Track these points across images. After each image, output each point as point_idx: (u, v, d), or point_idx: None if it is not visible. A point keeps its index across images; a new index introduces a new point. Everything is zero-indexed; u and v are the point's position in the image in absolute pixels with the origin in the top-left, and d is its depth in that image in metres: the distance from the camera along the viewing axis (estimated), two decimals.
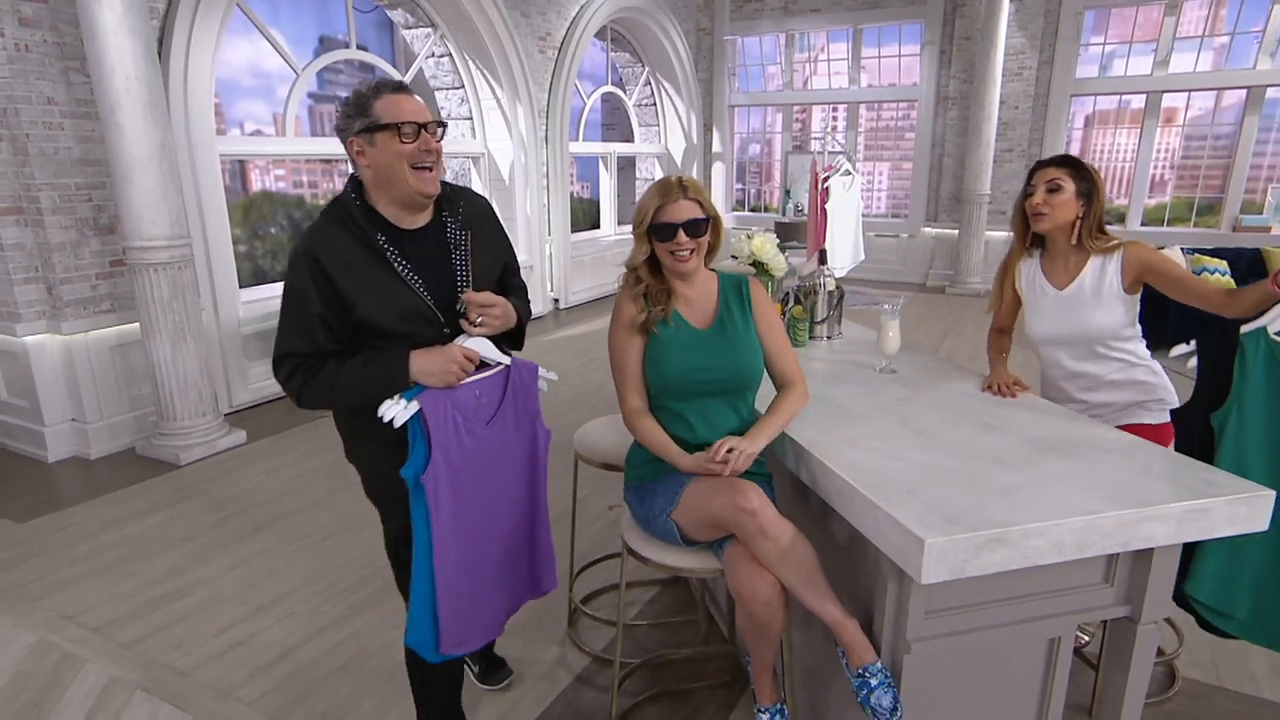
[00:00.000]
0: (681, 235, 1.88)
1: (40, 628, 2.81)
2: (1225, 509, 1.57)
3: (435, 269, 1.83)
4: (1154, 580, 1.68)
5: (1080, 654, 2.52)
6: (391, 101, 1.74)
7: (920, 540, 1.42)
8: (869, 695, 1.63)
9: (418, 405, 1.73)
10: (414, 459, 1.76)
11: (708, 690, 2.47)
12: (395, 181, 1.76)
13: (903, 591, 1.59)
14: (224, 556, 3.31)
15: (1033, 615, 1.68)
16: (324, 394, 1.77)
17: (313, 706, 2.40)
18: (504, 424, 1.91)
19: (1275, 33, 7.76)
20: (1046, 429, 1.96)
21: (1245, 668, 2.55)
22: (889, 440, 1.90)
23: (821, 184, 4.29)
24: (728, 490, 1.78)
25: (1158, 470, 1.70)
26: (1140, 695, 1.81)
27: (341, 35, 6.41)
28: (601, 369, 6.11)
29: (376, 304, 1.75)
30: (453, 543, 1.84)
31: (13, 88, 3.93)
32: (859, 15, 9.59)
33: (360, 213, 1.78)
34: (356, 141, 1.75)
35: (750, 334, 1.99)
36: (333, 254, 1.73)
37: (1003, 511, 1.52)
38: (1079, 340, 2.28)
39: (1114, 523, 1.51)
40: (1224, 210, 8.30)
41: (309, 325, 1.74)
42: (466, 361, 1.78)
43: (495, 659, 2.52)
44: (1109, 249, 2.22)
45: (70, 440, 4.44)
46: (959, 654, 1.68)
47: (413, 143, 1.73)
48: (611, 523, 3.53)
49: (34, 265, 4.21)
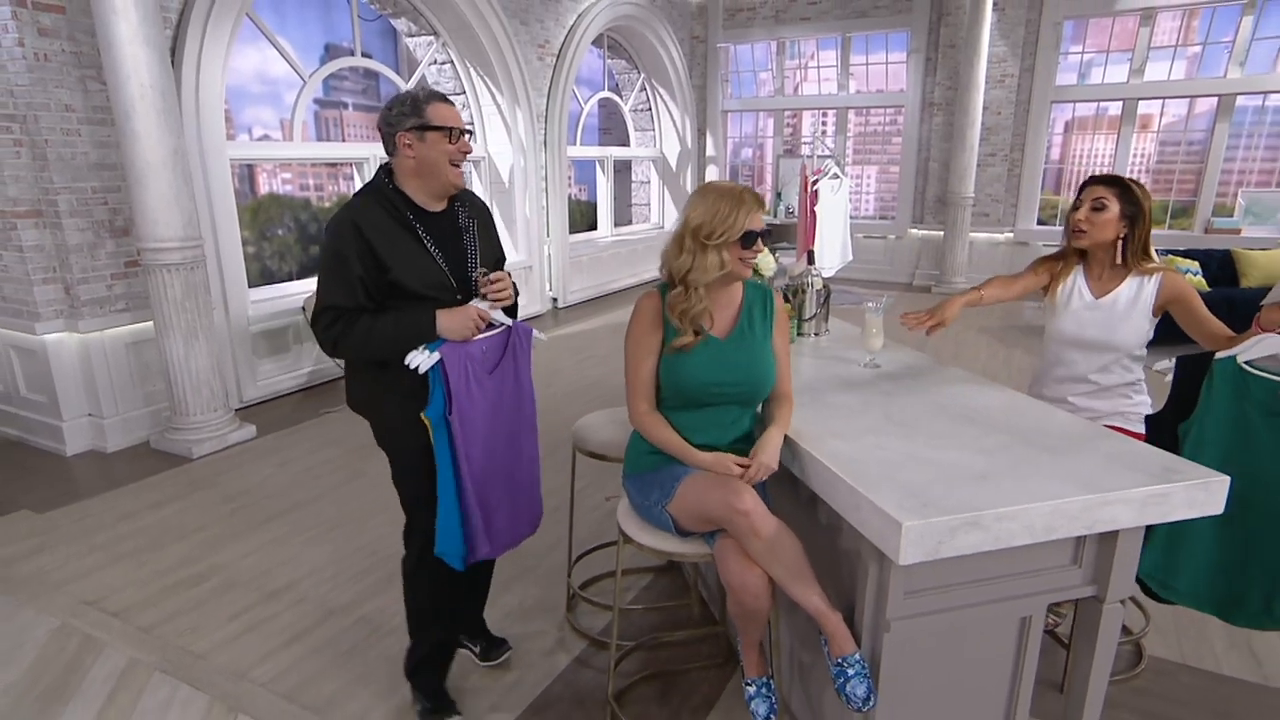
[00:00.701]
0: (760, 242, 1.91)
1: (62, 612, 2.84)
2: (1184, 494, 1.61)
3: (451, 246, 2.10)
4: (1119, 561, 1.72)
5: (1054, 635, 2.58)
6: (443, 109, 2.02)
7: (898, 523, 1.46)
8: (845, 684, 1.67)
9: (439, 355, 1.98)
10: (435, 402, 2.01)
11: (700, 670, 2.51)
12: (436, 173, 2.04)
13: (883, 573, 1.63)
14: (236, 545, 3.35)
15: (1006, 595, 1.72)
16: (361, 343, 1.99)
17: (323, 687, 2.43)
18: (504, 375, 2.18)
19: (1244, 43, 7.82)
20: (1020, 421, 2.00)
21: (1207, 646, 2.60)
22: (871, 431, 1.93)
23: (811, 187, 4.33)
24: (722, 489, 1.81)
25: (1122, 459, 1.74)
26: (1106, 669, 1.86)
27: (346, 43, 6.42)
28: (598, 365, 6.15)
29: (408, 269, 1.99)
30: (474, 468, 2.11)
31: (32, 95, 3.95)
32: (847, 24, 9.62)
33: (394, 195, 2.04)
34: (407, 136, 1.98)
35: (767, 346, 2.01)
36: (372, 225, 1.97)
37: (977, 496, 1.56)
38: (1099, 347, 2.30)
39: (1080, 506, 1.56)
40: (1196, 213, 8.35)
41: (350, 283, 1.96)
42: (480, 320, 2.04)
43: (495, 638, 2.58)
44: (1150, 270, 2.26)
45: (87, 434, 4.47)
46: (937, 632, 1.72)
47: (456, 144, 2.03)
48: (608, 513, 3.57)
49: (52, 266, 4.23)
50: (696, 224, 1.89)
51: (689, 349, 1.93)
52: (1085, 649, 1.86)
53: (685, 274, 1.91)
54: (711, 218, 1.87)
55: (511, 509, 2.29)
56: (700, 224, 1.88)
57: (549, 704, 2.37)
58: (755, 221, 1.89)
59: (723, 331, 1.98)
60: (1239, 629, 2.62)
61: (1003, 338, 6.90)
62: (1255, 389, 1.94)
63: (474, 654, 2.56)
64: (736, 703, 2.32)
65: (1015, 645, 1.81)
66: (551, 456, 4.18)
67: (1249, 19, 7.74)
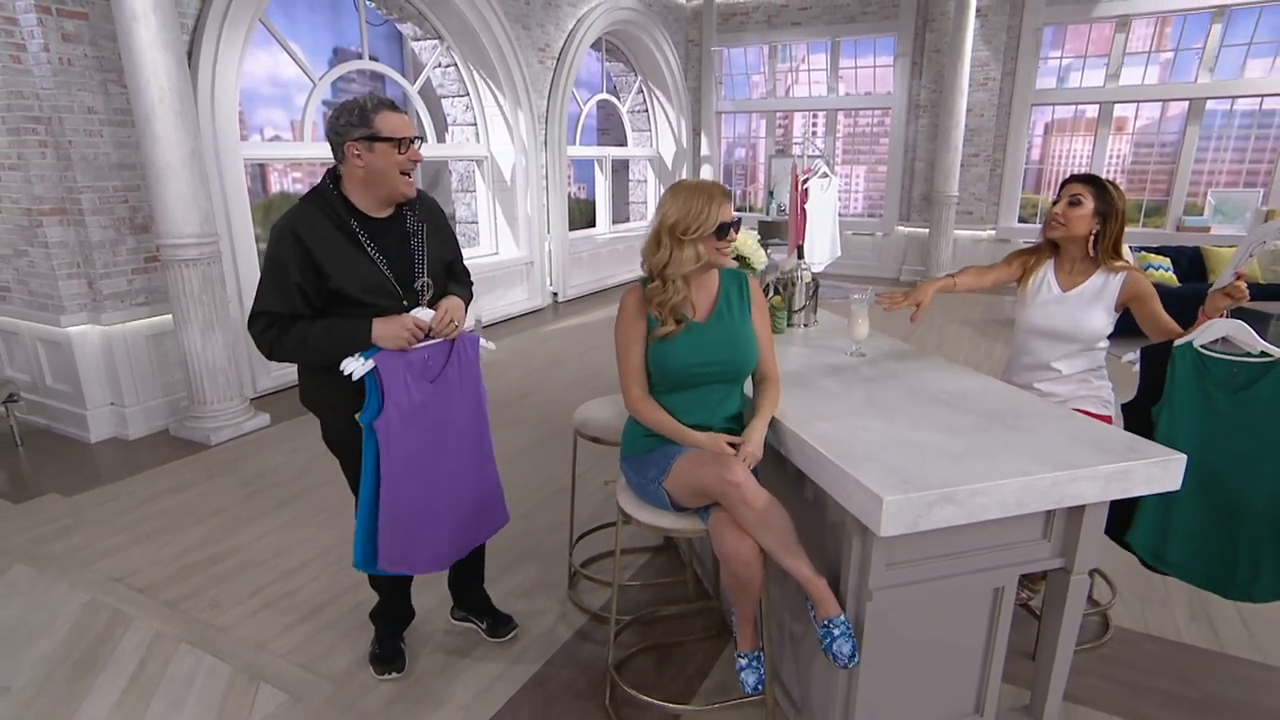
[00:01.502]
0: (733, 232, 1.96)
1: (92, 588, 2.89)
2: (1143, 471, 1.67)
3: (397, 252, 2.05)
4: (1085, 534, 1.78)
5: (1027, 608, 2.64)
6: (391, 118, 1.94)
7: (879, 498, 1.52)
8: (831, 643, 1.73)
9: (374, 363, 1.95)
10: (369, 407, 1.99)
11: (695, 642, 2.56)
12: (385, 183, 1.99)
13: (865, 545, 1.69)
14: (253, 527, 3.39)
15: (980, 567, 1.78)
16: (295, 348, 1.97)
17: (338, 659, 2.49)
18: (447, 382, 2.12)
19: (1214, 49, 7.86)
20: (994, 405, 2.04)
21: (1170, 616, 2.67)
22: (855, 414, 1.98)
23: (801, 185, 4.36)
24: (715, 464, 1.85)
25: (1088, 439, 1.80)
26: (1073, 635, 1.92)
27: (355, 47, 6.44)
28: (598, 356, 6.19)
29: (348, 277, 1.95)
30: (398, 477, 2.04)
31: (57, 98, 3.98)
32: (837, 28, 9.65)
33: (337, 201, 1.99)
34: (356, 146, 1.92)
35: (747, 326, 2.05)
36: (314, 234, 1.93)
37: (952, 474, 1.61)
38: (1063, 338, 2.37)
39: (1049, 483, 1.61)
40: (1169, 212, 8.41)
41: (286, 290, 1.93)
42: (417, 329, 1.99)
43: (502, 615, 2.62)
44: (1117, 268, 2.31)
45: (110, 423, 4.51)
46: (915, 602, 1.78)
47: (405, 154, 1.97)
48: (608, 496, 3.61)
49: (76, 261, 4.27)
50: (672, 221, 1.93)
51: (671, 337, 1.97)
52: (1054, 617, 1.92)
53: (663, 268, 1.96)
54: (686, 214, 1.92)
55: (455, 519, 2.24)
56: (676, 221, 1.93)
57: (553, 673, 2.43)
58: (726, 213, 1.94)
59: (703, 315, 2.02)
60: (1201, 601, 2.71)
61: (984, 330, 6.96)
62: (1213, 369, 2.04)
63: (481, 629, 2.60)
64: (729, 672, 2.37)
65: (989, 613, 1.87)
66: (553, 442, 4.25)
67: (1218, 26, 7.79)
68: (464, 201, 7.87)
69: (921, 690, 1.90)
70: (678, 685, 2.36)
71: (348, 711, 2.25)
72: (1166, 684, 2.35)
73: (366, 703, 2.29)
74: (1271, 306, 5.83)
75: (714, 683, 2.37)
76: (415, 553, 2.15)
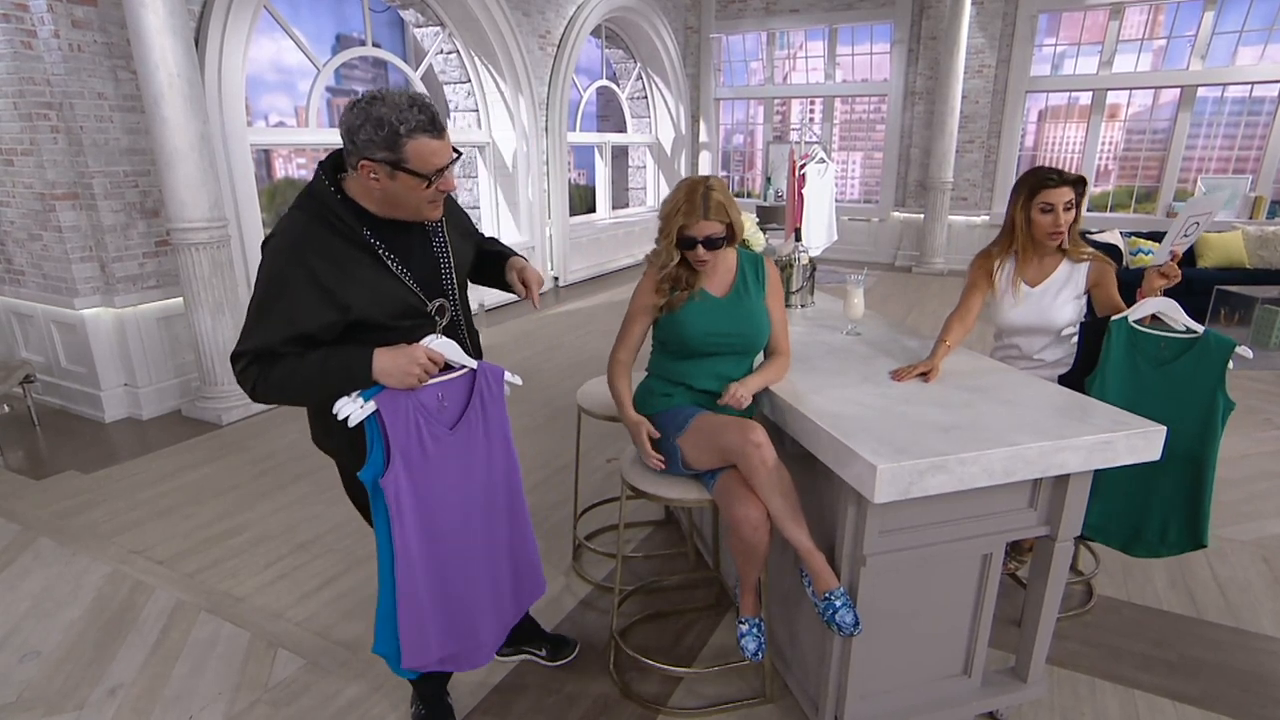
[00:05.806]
0: (700, 250, 1.95)
1: (114, 560, 2.95)
2: (1126, 442, 1.73)
3: (419, 256, 1.68)
4: (1069, 503, 1.84)
5: (1015, 577, 2.71)
6: (425, 147, 1.51)
7: (874, 466, 1.57)
8: (834, 614, 1.78)
9: (374, 406, 1.53)
10: (372, 461, 1.57)
11: (695, 611, 2.62)
12: (403, 208, 1.60)
13: (860, 513, 1.74)
14: (266, 503, 3.44)
15: (969, 534, 1.84)
16: (279, 387, 1.55)
17: (352, 626, 2.54)
18: (470, 429, 1.70)
19: (1206, 37, 7.86)
20: (983, 380, 2.10)
21: (1150, 585, 2.74)
22: (851, 389, 2.03)
23: (798, 171, 4.39)
24: (737, 427, 1.89)
25: (1073, 411, 1.86)
26: (1056, 600, 1.99)
27: (358, 33, 6.43)
28: (598, 339, 6.23)
29: (372, 303, 1.56)
30: (416, 550, 1.63)
31: (68, 84, 3.99)
32: (834, 16, 9.61)
33: (341, 207, 1.57)
34: (373, 166, 1.51)
35: (761, 305, 2.10)
36: (325, 259, 1.52)
37: (943, 444, 1.67)
38: (1039, 330, 2.43)
39: (1035, 452, 1.67)
40: (1160, 198, 8.43)
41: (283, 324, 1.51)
42: (429, 363, 1.58)
43: (557, 638, 2.39)
44: (1081, 257, 2.36)
45: (124, 403, 4.55)
46: (908, 567, 1.84)
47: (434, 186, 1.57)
48: (610, 473, 3.67)
49: (89, 245, 4.29)
50: (662, 213, 2.01)
51: (679, 306, 2.03)
52: (1039, 582, 1.99)
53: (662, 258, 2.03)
54: (663, 212, 1.99)
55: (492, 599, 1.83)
56: (662, 214, 2.00)
57: None
58: (698, 229, 1.92)
59: (721, 291, 2.08)
60: (1181, 570, 2.78)
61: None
62: (1143, 343, 2.19)
63: (539, 658, 2.36)
64: (728, 638, 2.44)
65: (978, 579, 1.93)
66: (555, 423, 4.30)
67: (1210, 14, 7.78)
68: (466, 187, 7.89)
69: (912, 652, 1.96)
70: (679, 652, 2.42)
71: (362, 675, 2.31)
72: (1144, 647, 2.42)
73: (380, 667, 2.34)
74: (1258, 290, 5.88)
75: (713, 649, 2.43)
76: (445, 646, 1.75)
